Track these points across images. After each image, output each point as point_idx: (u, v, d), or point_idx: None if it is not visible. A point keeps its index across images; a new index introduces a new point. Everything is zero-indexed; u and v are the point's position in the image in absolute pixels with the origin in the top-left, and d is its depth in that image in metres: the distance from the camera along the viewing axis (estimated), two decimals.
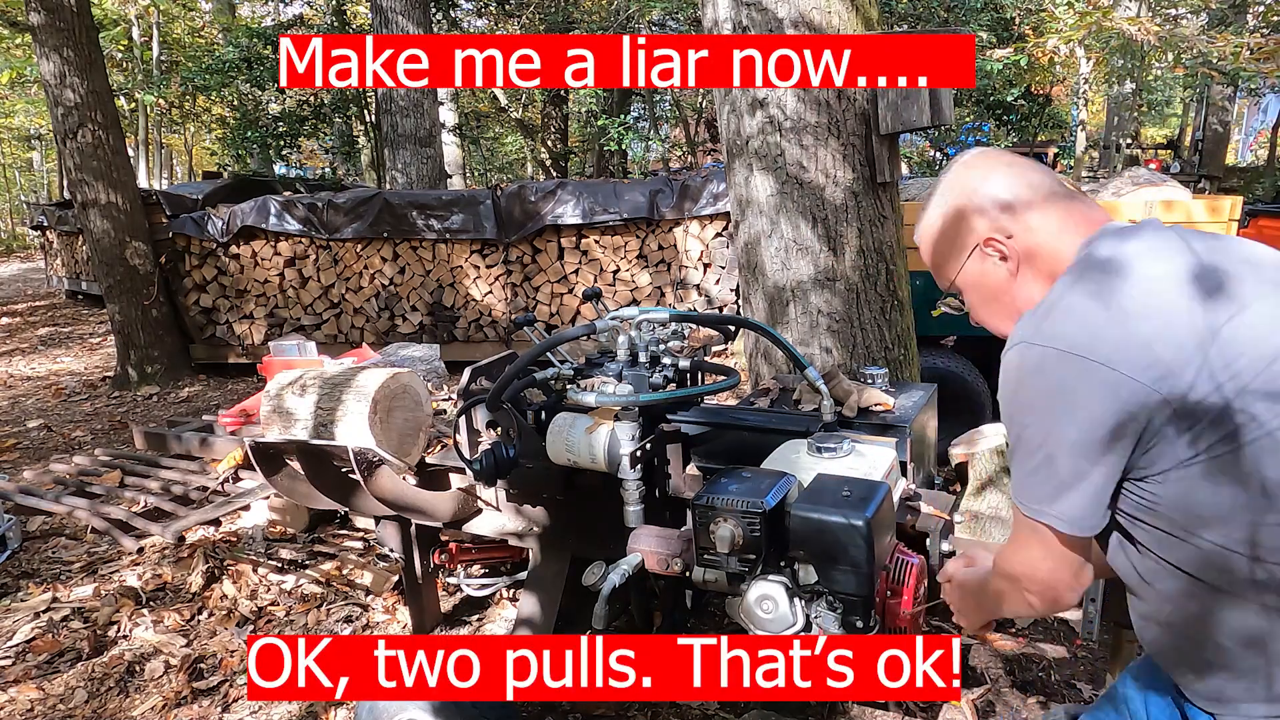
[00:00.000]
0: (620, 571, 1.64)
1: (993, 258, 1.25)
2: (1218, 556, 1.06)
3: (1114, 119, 14.12)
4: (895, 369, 3.12)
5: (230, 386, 7.25)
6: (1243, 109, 19.48)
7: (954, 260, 1.30)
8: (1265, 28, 10.09)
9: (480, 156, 19.90)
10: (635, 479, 1.84)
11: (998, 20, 10.94)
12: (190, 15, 18.87)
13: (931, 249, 1.35)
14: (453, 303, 7.26)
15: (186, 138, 23.72)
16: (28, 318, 11.17)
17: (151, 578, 3.57)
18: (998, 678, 2.63)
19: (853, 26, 2.96)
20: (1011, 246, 1.24)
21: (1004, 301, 1.27)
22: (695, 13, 10.84)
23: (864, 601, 1.43)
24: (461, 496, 2.40)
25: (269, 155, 13.71)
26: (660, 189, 6.73)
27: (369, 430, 2.33)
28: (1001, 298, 1.27)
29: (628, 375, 1.96)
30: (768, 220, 3.09)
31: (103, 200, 6.91)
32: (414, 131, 9.04)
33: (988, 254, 1.26)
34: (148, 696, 2.81)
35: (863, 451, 1.73)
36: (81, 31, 6.71)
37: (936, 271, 1.36)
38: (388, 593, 3.35)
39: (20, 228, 23.74)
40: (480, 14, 15.55)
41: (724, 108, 3.18)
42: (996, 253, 1.25)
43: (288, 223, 7.19)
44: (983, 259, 1.27)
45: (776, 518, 1.47)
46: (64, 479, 3.32)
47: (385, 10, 8.85)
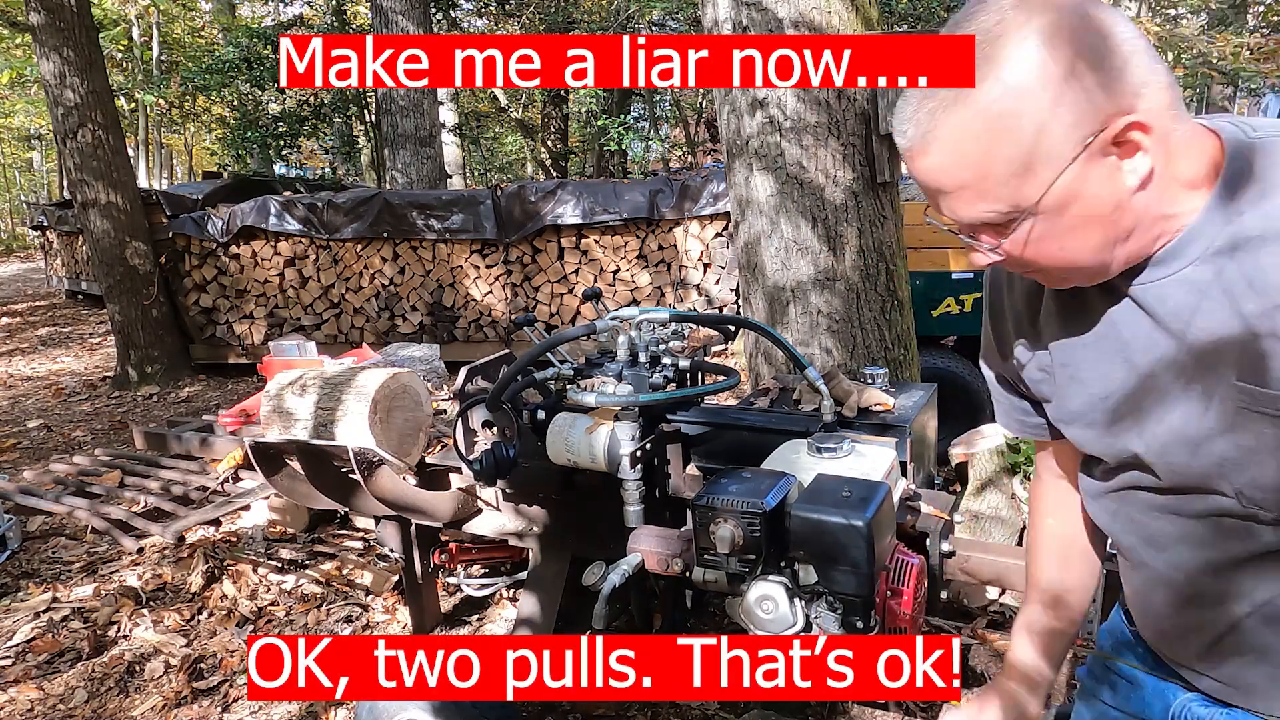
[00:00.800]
0: (620, 571, 1.64)
1: (1114, 156, 0.83)
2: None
3: None
4: (895, 369, 3.12)
5: (230, 386, 7.25)
6: (1243, 109, 19.48)
7: (1040, 169, 0.83)
8: (1265, 28, 10.09)
9: (480, 156, 19.91)
10: (635, 479, 1.84)
11: None
12: (190, 15, 18.89)
13: (985, 154, 0.84)
14: (453, 303, 7.26)
15: (186, 138, 23.73)
16: (28, 318, 11.16)
17: (151, 578, 3.57)
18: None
19: (853, 26, 2.96)
20: (1152, 134, 0.83)
21: (1112, 223, 0.87)
22: (695, 13, 10.84)
23: (864, 602, 1.43)
24: (461, 496, 2.40)
25: (269, 155, 13.71)
26: (660, 189, 6.73)
27: (369, 430, 2.33)
28: (1113, 217, 0.86)
29: (628, 375, 1.96)
30: (768, 220, 3.09)
31: (103, 200, 6.91)
32: (414, 131, 9.04)
33: (1112, 153, 0.83)
34: (148, 696, 2.81)
35: (863, 451, 1.73)
36: (81, 31, 6.71)
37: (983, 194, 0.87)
38: (388, 593, 3.35)
39: (20, 228, 23.75)
40: (480, 14, 15.56)
41: (724, 108, 3.18)
42: (1131, 148, 0.83)
43: (288, 223, 7.19)
44: (1098, 162, 0.83)
45: (776, 518, 1.47)
46: (64, 479, 3.32)
47: (385, 10, 8.85)
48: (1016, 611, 1.36)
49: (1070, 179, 0.83)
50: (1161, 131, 0.83)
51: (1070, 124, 0.81)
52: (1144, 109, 0.82)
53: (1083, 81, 0.80)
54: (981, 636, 2.82)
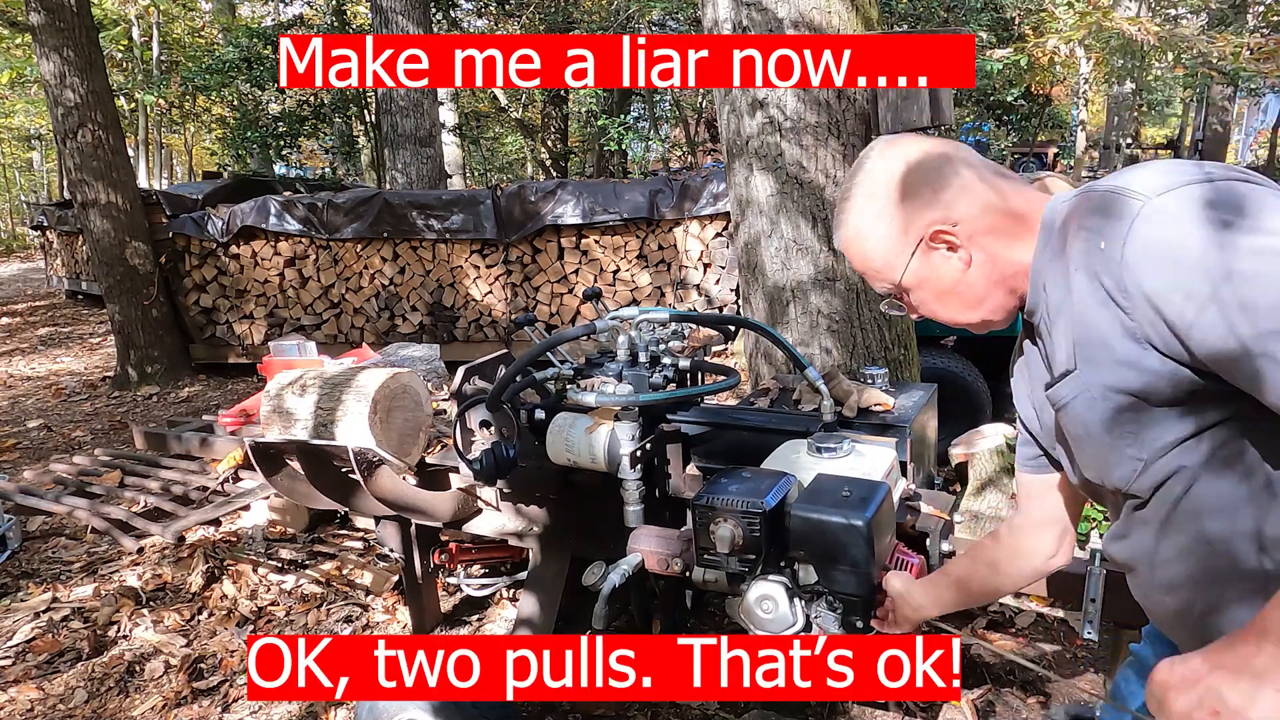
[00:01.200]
0: (620, 571, 1.64)
1: (939, 250, 1.15)
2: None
3: (1114, 119, 14.13)
4: (895, 369, 3.12)
5: (230, 386, 7.25)
6: (1243, 109, 19.47)
7: (896, 263, 1.19)
8: (1265, 28, 10.09)
9: (480, 156, 19.90)
10: (635, 479, 1.84)
11: (998, 20, 10.94)
12: (190, 15, 18.88)
13: (863, 255, 1.22)
14: (453, 303, 7.26)
15: (186, 138, 23.72)
16: (28, 318, 11.17)
17: (151, 578, 3.57)
18: (998, 678, 2.63)
19: (853, 26, 2.96)
20: (959, 234, 1.13)
21: (960, 293, 1.17)
22: (695, 13, 10.85)
23: (864, 602, 1.43)
24: (461, 496, 2.40)
25: (269, 155, 13.71)
26: (660, 189, 6.73)
27: (369, 430, 2.33)
28: (957, 290, 1.17)
29: (628, 375, 1.96)
30: (768, 220, 3.09)
31: (103, 200, 6.91)
32: (414, 131, 9.04)
33: (934, 248, 1.15)
34: (148, 696, 2.81)
35: (863, 451, 1.73)
36: (81, 31, 6.71)
37: (874, 276, 1.24)
38: (388, 593, 3.35)
39: (20, 228, 23.74)
40: (480, 14, 15.55)
41: (724, 108, 3.18)
42: (944, 245, 1.15)
43: (288, 223, 7.19)
44: (929, 254, 1.16)
45: (776, 518, 1.47)
46: (64, 479, 3.32)
47: (385, 10, 8.85)
48: (1017, 612, 1.37)
49: (915, 267, 1.18)
50: (970, 227, 1.13)
51: (901, 234, 1.17)
52: (955, 215, 1.13)
53: (907, 206, 1.16)
54: (981, 636, 2.82)
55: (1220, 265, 0.85)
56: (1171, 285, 0.89)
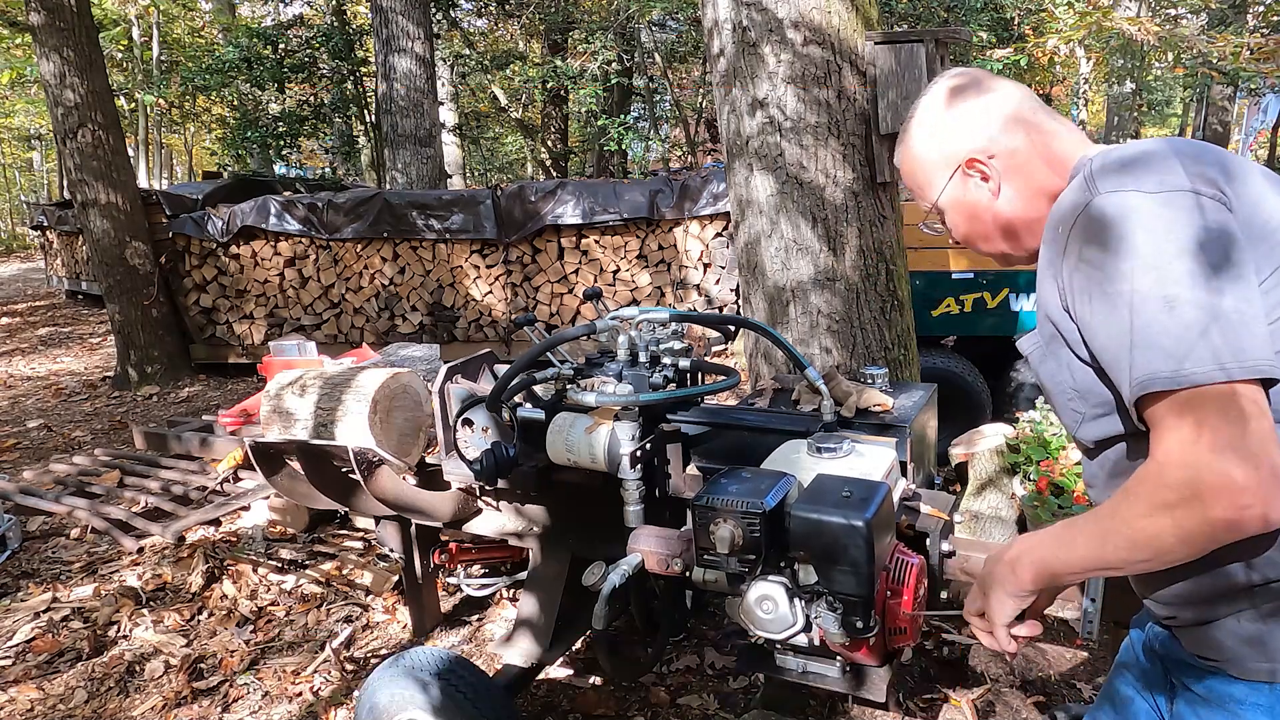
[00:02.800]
0: (620, 572, 1.64)
1: (973, 178, 1.27)
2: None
3: (1114, 119, 14.13)
4: (895, 369, 3.11)
5: (230, 386, 7.25)
6: (1243, 109, 19.46)
7: (936, 183, 1.32)
8: (1265, 28, 10.09)
9: (480, 156, 19.90)
10: (635, 479, 1.83)
11: (998, 20, 10.93)
12: (190, 15, 18.88)
13: (910, 172, 1.37)
14: (453, 303, 7.26)
15: (186, 138, 23.73)
16: (28, 318, 11.17)
17: (151, 578, 3.57)
18: (998, 678, 2.63)
19: (853, 26, 2.96)
20: (994, 167, 1.25)
21: (986, 219, 1.29)
22: (695, 13, 10.84)
23: (864, 602, 1.43)
24: (461, 496, 2.40)
25: (269, 155, 13.70)
26: (660, 189, 6.73)
27: (369, 430, 2.33)
28: (985, 216, 1.28)
29: (628, 375, 1.96)
30: (768, 220, 3.09)
31: (103, 200, 6.91)
32: (414, 131, 9.04)
33: (969, 175, 1.27)
34: (148, 696, 2.81)
35: (863, 452, 1.73)
36: (81, 31, 6.71)
37: (918, 193, 1.38)
38: (388, 593, 3.35)
39: (20, 228, 23.74)
40: (480, 14, 15.54)
41: (724, 108, 3.18)
42: (977, 173, 1.26)
43: (288, 223, 7.19)
44: (963, 180, 1.28)
45: (776, 518, 1.47)
46: (64, 479, 3.32)
47: (385, 10, 8.85)
48: None
49: (951, 190, 1.31)
50: (1006, 162, 1.24)
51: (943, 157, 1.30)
52: (994, 149, 1.24)
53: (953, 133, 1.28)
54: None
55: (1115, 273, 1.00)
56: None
